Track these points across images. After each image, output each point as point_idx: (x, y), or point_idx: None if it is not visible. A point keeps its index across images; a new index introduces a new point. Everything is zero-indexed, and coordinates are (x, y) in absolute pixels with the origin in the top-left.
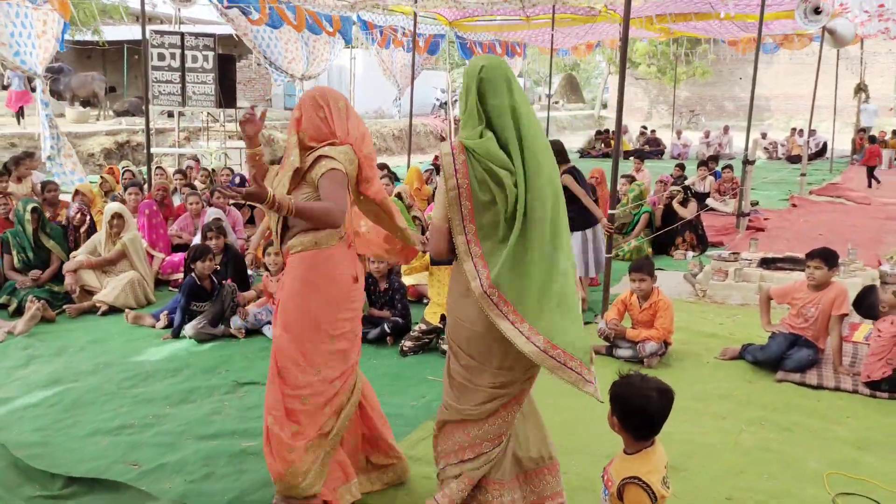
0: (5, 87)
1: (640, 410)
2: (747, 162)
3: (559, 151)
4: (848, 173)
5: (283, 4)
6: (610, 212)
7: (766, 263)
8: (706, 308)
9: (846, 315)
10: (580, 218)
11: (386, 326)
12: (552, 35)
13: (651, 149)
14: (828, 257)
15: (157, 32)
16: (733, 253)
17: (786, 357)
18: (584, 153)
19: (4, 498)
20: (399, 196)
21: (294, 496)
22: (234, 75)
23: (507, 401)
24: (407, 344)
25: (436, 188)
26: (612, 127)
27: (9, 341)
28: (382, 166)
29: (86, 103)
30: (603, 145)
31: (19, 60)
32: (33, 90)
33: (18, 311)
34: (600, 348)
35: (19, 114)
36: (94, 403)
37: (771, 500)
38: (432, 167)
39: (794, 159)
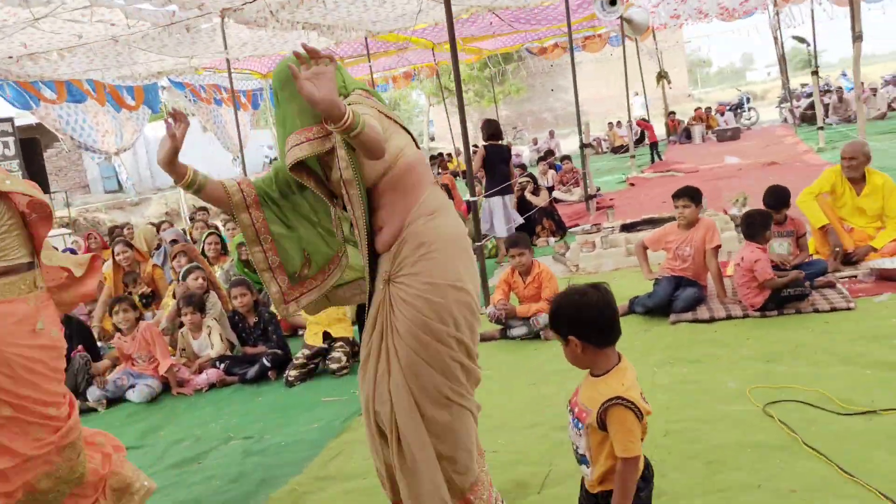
0: None
1: (584, 307)
2: (584, 146)
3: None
4: (669, 152)
5: (81, 79)
6: None
7: (628, 229)
8: (582, 280)
9: (719, 247)
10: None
11: (265, 361)
12: (370, 67)
13: None
14: (693, 195)
15: None
16: (595, 225)
17: (674, 300)
18: None
19: None
20: None
21: None
22: (41, 159)
23: None
24: (292, 374)
25: None
26: (444, 151)
27: None
28: None
29: None
30: (440, 168)
31: None
32: None
33: None
34: (494, 333)
35: None
36: None
37: (704, 425)
38: None
39: (618, 150)
